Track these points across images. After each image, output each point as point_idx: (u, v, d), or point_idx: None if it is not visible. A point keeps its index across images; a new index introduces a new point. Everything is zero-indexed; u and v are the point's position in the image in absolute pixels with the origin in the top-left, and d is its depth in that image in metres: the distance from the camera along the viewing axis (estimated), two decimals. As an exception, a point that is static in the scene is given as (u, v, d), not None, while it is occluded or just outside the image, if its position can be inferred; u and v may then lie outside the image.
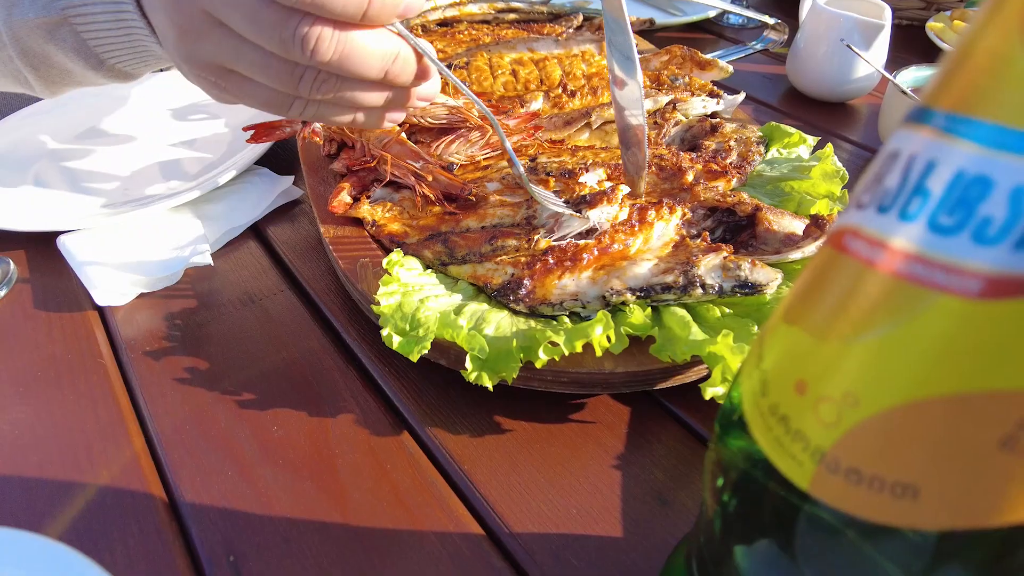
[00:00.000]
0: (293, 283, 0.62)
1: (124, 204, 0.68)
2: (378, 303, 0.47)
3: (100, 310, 0.60)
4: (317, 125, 0.62)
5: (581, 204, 0.52)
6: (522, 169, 0.50)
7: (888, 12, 0.81)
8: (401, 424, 0.48)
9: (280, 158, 0.77)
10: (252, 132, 0.66)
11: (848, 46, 0.77)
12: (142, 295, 0.60)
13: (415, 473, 0.45)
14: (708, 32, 1.07)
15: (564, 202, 0.53)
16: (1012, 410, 0.18)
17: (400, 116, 0.47)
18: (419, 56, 0.42)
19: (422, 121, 0.64)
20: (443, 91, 0.63)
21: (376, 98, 0.44)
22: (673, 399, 0.49)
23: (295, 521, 0.43)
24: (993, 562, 0.22)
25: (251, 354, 0.54)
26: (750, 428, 0.23)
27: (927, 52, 0.99)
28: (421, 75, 0.43)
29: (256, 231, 0.68)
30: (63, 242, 0.63)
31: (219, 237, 0.65)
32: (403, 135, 0.61)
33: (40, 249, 0.66)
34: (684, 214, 0.54)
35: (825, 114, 0.87)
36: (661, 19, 0.99)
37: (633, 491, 0.44)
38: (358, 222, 0.59)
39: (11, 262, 0.63)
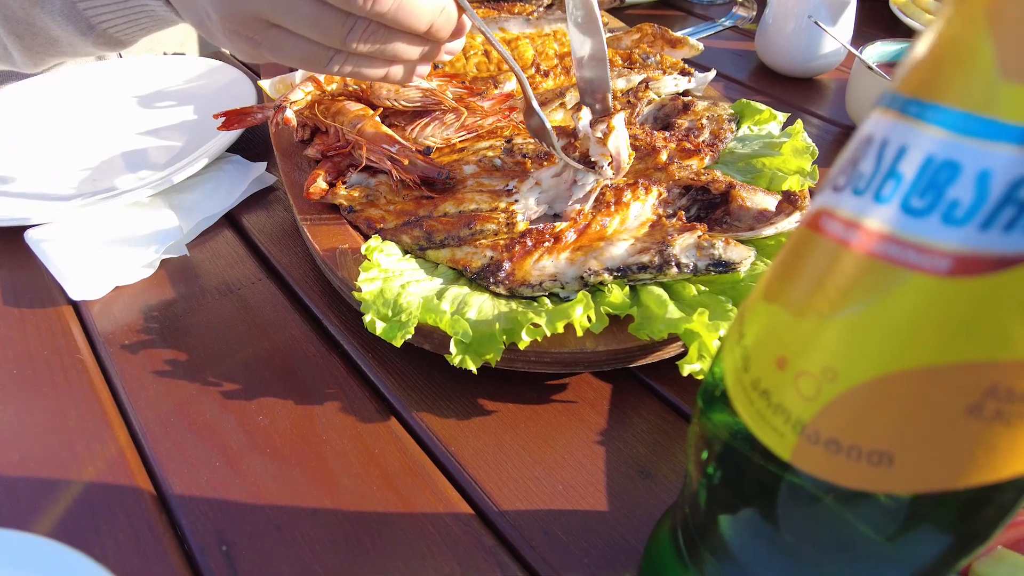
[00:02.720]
0: (271, 271, 0.62)
1: (93, 195, 0.67)
2: (359, 289, 0.48)
3: (74, 304, 0.59)
4: (290, 111, 0.61)
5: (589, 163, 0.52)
6: (548, 124, 0.50)
7: (853, -13, 0.82)
8: (387, 409, 0.49)
9: (251, 144, 0.76)
10: (223, 119, 0.65)
11: (816, 23, 0.78)
12: (117, 288, 0.59)
13: (403, 457, 0.46)
14: (677, 9, 1.08)
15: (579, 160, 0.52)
16: (978, 380, 0.19)
17: (426, 70, 0.49)
18: (461, 10, 0.44)
19: (396, 104, 0.63)
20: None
21: (414, 52, 0.45)
22: (652, 375, 0.51)
23: (286, 508, 0.43)
24: (959, 521, 0.23)
25: (232, 344, 0.54)
26: (733, 403, 0.24)
27: (891, 26, 1.00)
28: (457, 31, 0.45)
29: (230, 219, 0.67)
30: (31, 236, 0.62)
31: (193, 227, 0.64)
32: (376, 119, 0.61)
33: (6, 243, 0.64)
34: (660, 194, 0.55)
35: (793, 89, 0.89)
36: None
37: (617, 466, 0.45)
38: (335, 208, 0.59)
39: (-22, 258, 0.62)
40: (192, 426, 0.48)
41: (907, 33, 0.98)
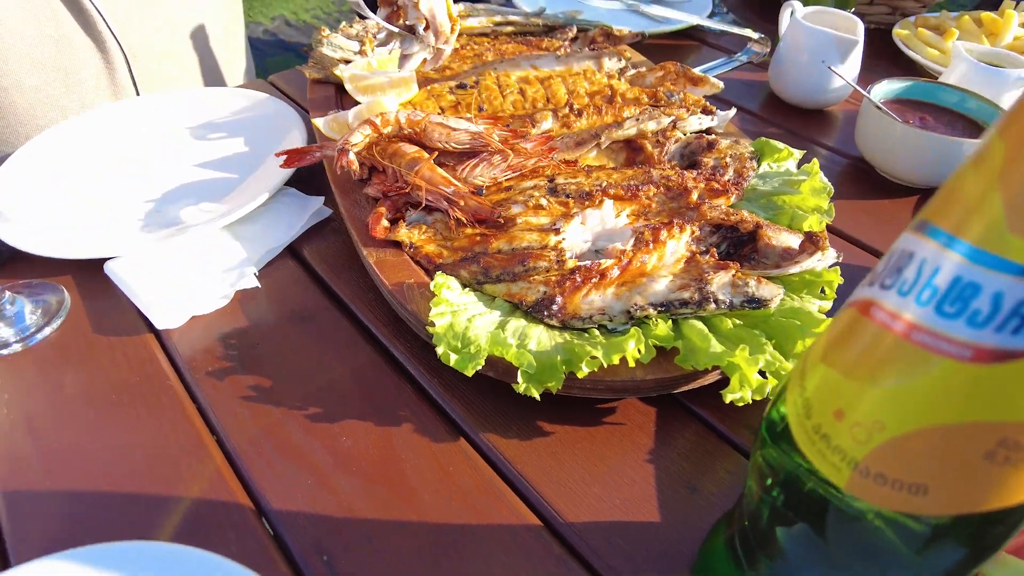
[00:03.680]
0: (335, 299, 0.67)
1: (161, 227, 0.72)
2: (432, 323, 0.53)
3: (156, 333, 0.64)
4: (352, 155, 0.67)
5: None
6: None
7: (861, 28, 0.88)
8: (456, 431, 0.55)
9: (304, 176, 0.82)
10: (285, 157, 0.71)
11: (829, 67, 0.84)
12: (193, 317, 0.65)
13: (475, 474, 0.51)
14: (691, 38, 1.14)
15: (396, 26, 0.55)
16: (992, 434, 0.25)
17: None
18: None
19: (447, 146, 0.69)
20: (465, 118, 0.69)
21: None
22: (693, 399, 0.56)
23: (376, 522, 0.49)
24: (976, 537, 0.29)
25: (309, 370, 0.60)
26: (797, 441, 0.30)
27: (894, 57, 1.06)
28: None
29: (291, 249, 0.73)
30: (112, 269, 0.67)
31: (259, 258, 0.70)
32: (432, 162, 0.66)
33: (85, 274, 0.70)
34: (693, 232, 0.61)
35: (803, 120, 0.95)
36: (651, 29, 1.05)
37: (666, 482, 0.51)
38: (396, 244, 0.64)
39: (64, 290, 0.67)
40: (281, 448, 0.54)
41: (909, 65, 1.04)
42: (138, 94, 1.08)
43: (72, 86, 1.04)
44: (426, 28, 0.54)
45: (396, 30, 0.54)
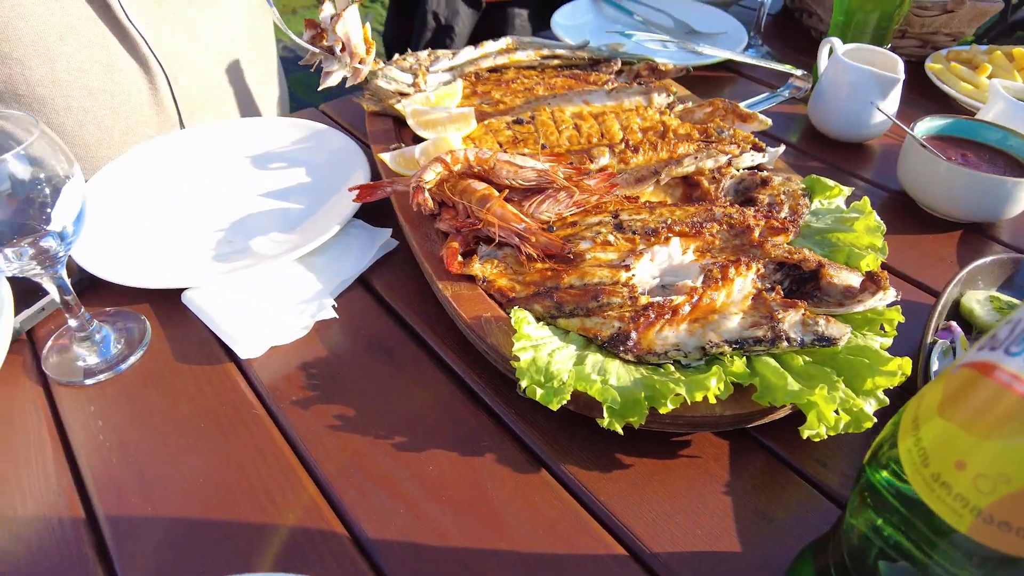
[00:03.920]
0: (407, 330, 0.69)
1: (234, 258, 0.75)
2: (517, 358, 0.56)
3: (236, 362, 0.67)
4: (426, 194, 0.69)
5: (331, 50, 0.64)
6: (277, 16, 0.65)
7: (901, 65, 0.91)
8: (537, 462, 0.57)
9: (366, 207, 0.84)
10: (358, 191, 0.74)
11: (878, 108, 0.87)
12: (272, 347, 0.67)
13: (560, 505, 0.54)
14: (728, 70, 1.17)
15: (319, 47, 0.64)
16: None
17: None
18: None
19: (514, 183, 0.72)
20: (529, 156, 0.71)
21: None
22: (763, 432, 0.59)
23: (469, 550, 0.51)
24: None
25: (388, 400, 0.62)
26: (913, 486, 0.33)
27: (924, 89, 1.09)
28: None
29: (360, 279, 0.75)
30: (190, 299, 0.70)
31: (333, 289, 0.72)
32: (502, 199, 0.69)
33: (162, 303, 0.72)
34: (758, 269, 0.63)
35: (842, 154, 0.98)
36: (694, 63, 1.08)
37: (742, 512, 0.53)
38: (469, 277, 0.67)
39: (145, 319, 0.70)
40: (371, 476, 0.56)
41: (940, 97, 1.07)
42: (180, 116, 1.11)
43: (117, 108, 1.07)
44: (343, 50, 0.60)
45: (317, 50, 0.60)
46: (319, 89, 0.63)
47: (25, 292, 0.70)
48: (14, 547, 0.52)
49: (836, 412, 0.53)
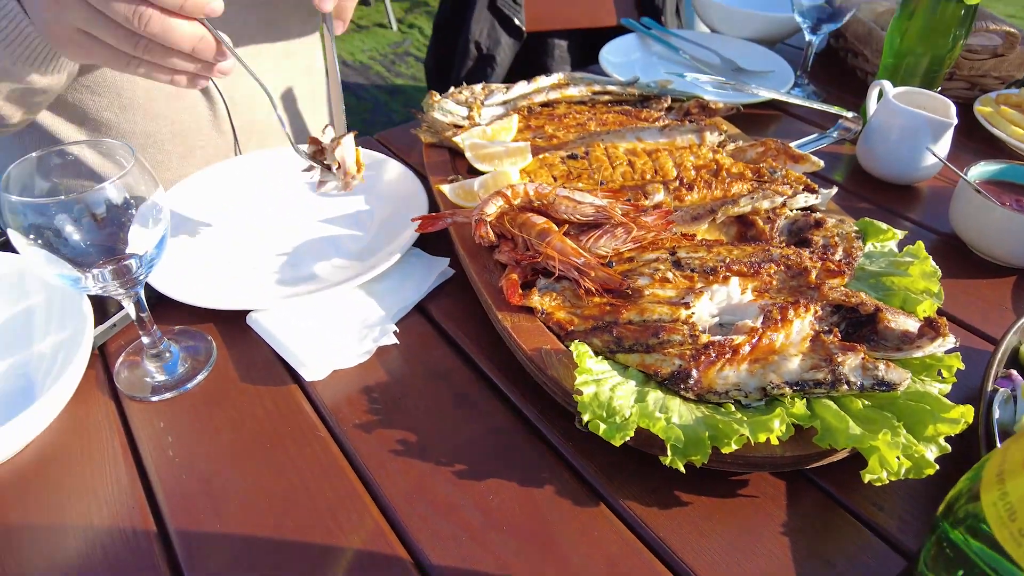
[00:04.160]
0: (465, 358, 0.71)
1: (297, 282, 0.78)
2: (579, 392, 0.57)
3: (300, 383, 0.69)
4: (488, 227, 0.71)
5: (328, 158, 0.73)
6: (287, 128, 0.73)
7: (953, 110, 0.92)
8: (596, 496, 0.58)
9: (423, 236, 0.87)
10: (420, 222, 0.76)
11: (931, 152, 0.87)
12: (334, 370, 0.69)
13: (620, 540, 0.54)
14: (775, 108, 1.18)
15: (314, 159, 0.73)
16: None
17: (204, 83, 0.68)
18: (219, 43, 0.63)
19: (572, 218, 0.73)
20: (586, 191, 0.73)
21: (189, 66, 0.64)
22: (819, 474, 0.59)
23: (532, 581, 0.52)
24: None
25: (451, 426, 0.64)
26: (1000, 540, 0.33)
27: (972, 131, 1.10)
28: (220, 55, 0.63)
29: (418, 306, 0.77)
30: (256, 320, 0.72)
31: (393, 315, 0.74)
32: (562, 234, 0.71)
33: (227, 323, 0.75)
34: (816, 312, 0.64)
35: (891, 195, 0.98)
36: (744, 101, 1.10)
37: (801, 554, 0.53)
38: (527, 309, 0.68)
39: (212, 340, 0.72)
40: (433, 503, 0.57)
41: (989, 139, 1.07)
42: (237, 142, 1.14)
43: (177, 133, 1.11)
44: (338, 168, 0.73)
45: (316, 164, 0.74)
46: (317, 192, 0.77)
47: (94, 307, 0.73)
48: (92, 552, 0.54)
49: (897, 458, 0.53)
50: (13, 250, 0.65)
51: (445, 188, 0.83)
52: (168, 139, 1.11)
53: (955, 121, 0.91)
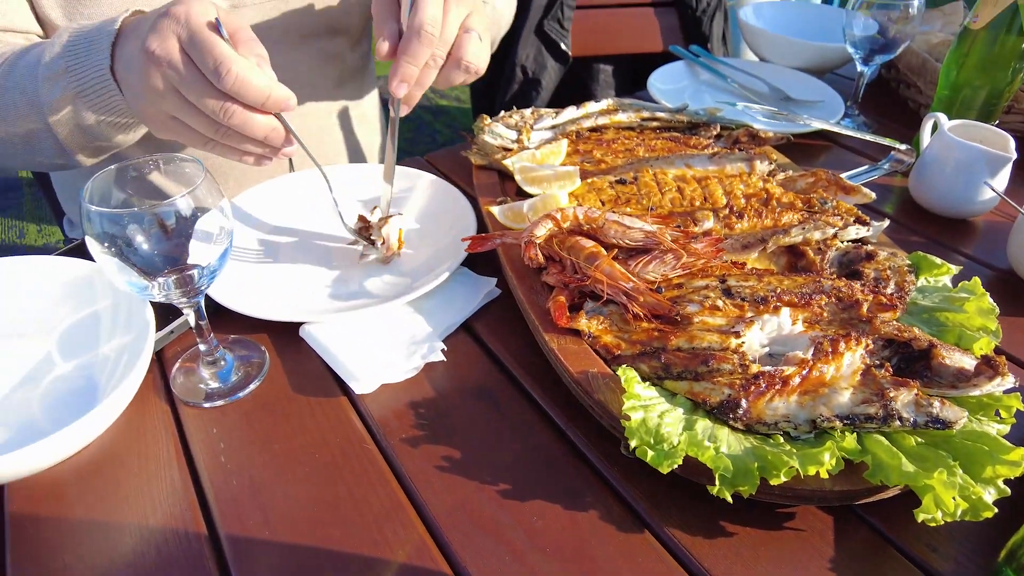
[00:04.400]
0: (509, 377, 0.72)
1: (348, 297, 0.79)
2: (628, 417, 0.57)
3: (349, 396, 0.70)
4: (537, 249, 0.72)
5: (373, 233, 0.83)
6: (339, 208, 0.83)
7: (1012, 144, 0.90)
8: (640, 523, 0.58)
9: (468, 255, 0.88)
10: (470, 242, 0.77)
11: (990, 186, 0.86)
12: (382, 384, 0.70)
13: (663, 568, 0.54)
14: (824, 138, 1.18)
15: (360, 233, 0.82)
16: None
17: (268, 163, 0.74)
18: (288, 132, 0.70)
19: (621, 242, 0.74)
20: (635, 216, 0.74)
21: (258, 150, 0.71)
22: (869, 511, 0.58)
23: (574, 605, 0.52)
24: None
25: (496, 445, 0.64)
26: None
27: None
28: (287, 142, 0.71)
29: (464, 324, 0.78)
30: (309, 332, 0.74)
31: (441, 332, 0.75)
32: (611, 259, 0.71)
33: (281, 334, 0.77)
34: (867, 345, 0.63)
35: (944, 228, 0.96)
36: (795, 130, 1.09)
37: (850, 594, 0.52)
38: (574, 331, 0.69)
39: (265, 351, 0.74)
40: (477, 521, 0.58)
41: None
42: (291, 159, 1.18)
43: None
44: (382, 243, 0.82)
45: (360, 240, 0.83)
46: (358, 263, 0.86)
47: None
48: (146, 551, 0.56)
49: (953, 498, 0.52)
50: (83, 256, 0.69)
51: (494, 209, 0.84)
52: (230, 162, 1.15)
53: (1015, 156, 0.89)
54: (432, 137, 3.38)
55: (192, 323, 0.68)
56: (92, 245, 0.59)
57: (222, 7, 0.67)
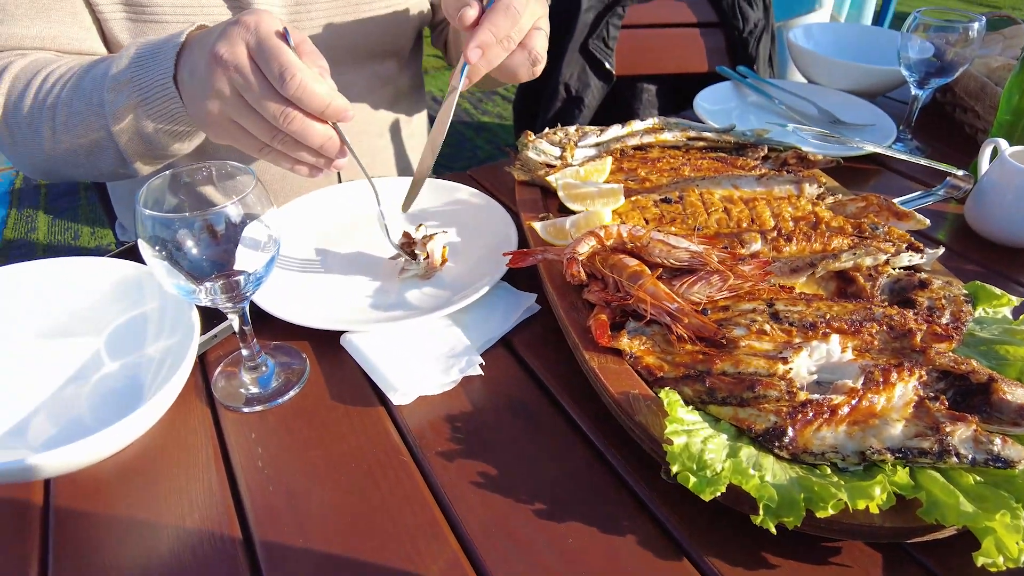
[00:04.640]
0: (547, 394, 0.71)
1: (389, 308, 0.80)
2: (670, 442, 0.56)
3: (386, 406, 0.70)
4: (579, 266, 0.72)
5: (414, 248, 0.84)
6: (384, 221, 0.83)
7: (1076, 173, 0.87)
8: (679, 550, 0.56)
9: (508, 270, 0.88)
10: (511, 257, 0.77)
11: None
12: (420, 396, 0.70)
13: (703, 598, 0.52)
14: (874, 161, 1.15)
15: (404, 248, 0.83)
16: None
17: (320, 174, 0.75)
18: (343, 143, 0.71)
19: (666, 262, 0.73)
20: (680, 236, 0.72)
21: (311, 159, 0.72)
22: (922, 551, 0.55)
23: (609, 631, 0.50)
24: None
25: (532, 463, 0.63)
26: None
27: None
28: (341, 153, 0.72)
29: (503, 340, 0.78)
30: (350, 341, 0.75)
31: (479, 346, 0.75)
32: (655, 278, 0.70)
33: (321, 342, 0.77)
34: (921, 376, 0.61)
35: (1002, 257, 0.93)
36: (845, 153, 1.07)
37: (901, 637, 0.50)
38: (615, 351, 0.68)
39: (306, 358, 0.75)
40: (511, 539, 0.57)
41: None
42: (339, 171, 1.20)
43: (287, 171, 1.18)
44: (425, 259, 0.82)
45: (404, 255, 0.84)
46: (398, 277, 0.86)
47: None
48: (182, 551, 0.57)
49: (1017, 543, 0.49)
50: (134, 258, 0.70)
51: (537, 225, 0.84)
52: (278, 172, 1.18)
53: (1078, 185, 0.86)
54: (473, 152, 3.41)
55: (236, 328, 0.69)
56: (144, 248, 0.60)
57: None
